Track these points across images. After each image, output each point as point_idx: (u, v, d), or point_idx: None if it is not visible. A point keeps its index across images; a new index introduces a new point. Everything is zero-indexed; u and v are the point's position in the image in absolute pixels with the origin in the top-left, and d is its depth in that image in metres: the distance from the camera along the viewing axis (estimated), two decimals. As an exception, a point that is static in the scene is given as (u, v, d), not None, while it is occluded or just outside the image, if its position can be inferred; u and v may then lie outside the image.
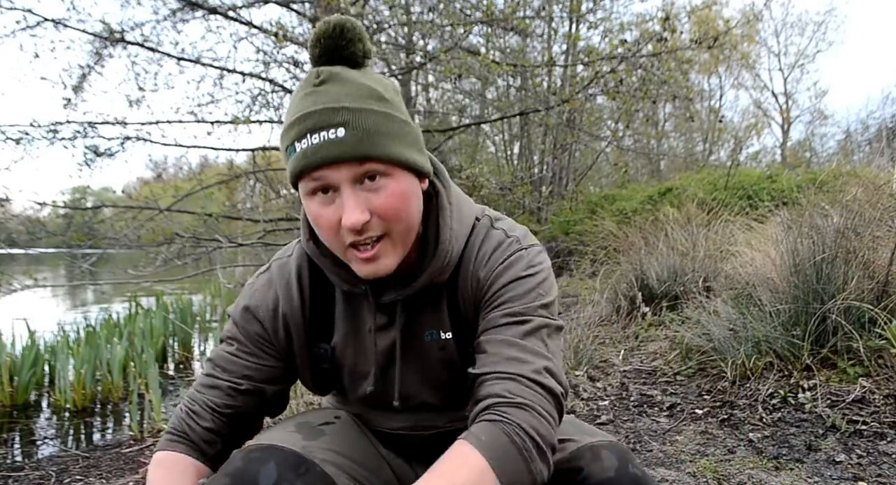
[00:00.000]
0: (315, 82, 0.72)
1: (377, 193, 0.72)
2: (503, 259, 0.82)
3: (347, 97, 0.71)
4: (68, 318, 6.08)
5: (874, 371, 2.18)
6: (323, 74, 0.72)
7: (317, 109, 0.70)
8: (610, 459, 0.82)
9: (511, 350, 0.78)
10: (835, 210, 2.72)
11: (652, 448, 1.95)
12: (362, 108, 0.71)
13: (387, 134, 0.72)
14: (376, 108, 0.72)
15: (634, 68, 5.53)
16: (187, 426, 0.89)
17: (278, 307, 0.86)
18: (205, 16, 5.51)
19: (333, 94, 0.71)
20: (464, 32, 5.51)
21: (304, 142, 0.70)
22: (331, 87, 0.72)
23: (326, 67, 0.73)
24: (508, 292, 0.81)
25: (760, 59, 21.11)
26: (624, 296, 3.74)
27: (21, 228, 5.74)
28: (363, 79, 0.73)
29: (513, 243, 0.84)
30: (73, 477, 2.06)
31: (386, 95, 0.74)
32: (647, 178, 14.53)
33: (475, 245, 0.85)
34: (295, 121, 0.72)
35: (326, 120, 0.69)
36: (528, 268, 0.82)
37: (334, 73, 0.72)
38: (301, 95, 0.73)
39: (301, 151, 0.71)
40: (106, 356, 3.33)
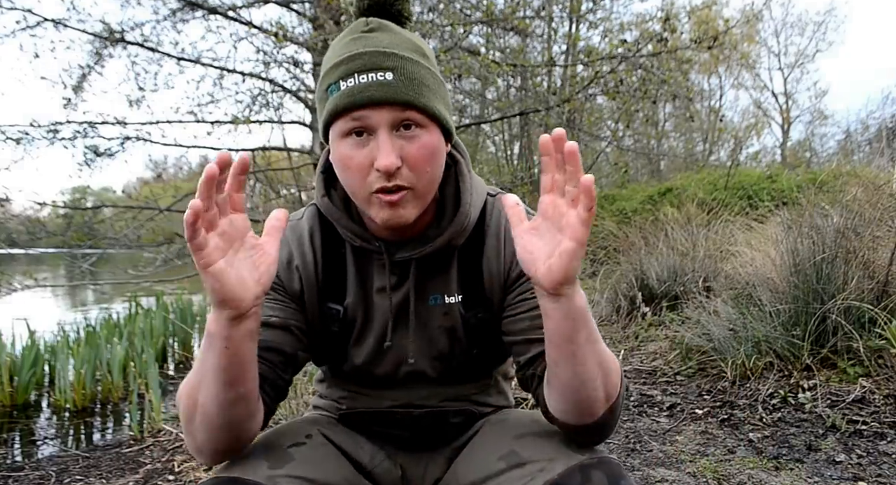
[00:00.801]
0: (364, 29, 0.75)
1: (411, 142, 0.73)
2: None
3: (396, 46, 0.74)
4: (68, 318, 6.08)
5: (874, 371, 2.18)
6: (372, 23, 0.75)
7: (368, 51, 0.72)
8: (601, 480, 0.78)
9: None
10: (835, 210, 2.72)
11: (652, 448, 1.95)
12: (410, 57, 0.74)
13: (429, 87, 0.74)
14: (421, 62, 0.75)
15: (634, 68, 5.52)
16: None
17: (292, 261, 0.85)
18: (205, 16, 5.51)
19: (384, 41, 0.74)
20: (464, 32, 5.51)
21: (351, 81, 0.72)
22: (380, 34, 0.74)
23: (375, 18, 0.76)
24: (523, 275, 0.81)
25: (760, 59, 21.13)
26: (624, 296, 3.74)
27: (21, 228, 5.74)
28: (408, 34, 0.77)
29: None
30: (73, 477, 2.06)
31: (427, 53, 0.77)
32: (647, 178, 14.54)
33: (487, 220, 0.85)
34: (343, 60, 0.73)
35: (377, 62, 0.72)
36: None
37: (383, 24, 0.76)
38: (348, 40, 0.75)
39: (347, 89, 0.72)
40: (106, 356, 3.33)
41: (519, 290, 0.83)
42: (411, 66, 0.73)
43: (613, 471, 0.79)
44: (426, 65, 0.76)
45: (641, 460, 1.86)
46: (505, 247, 0.84)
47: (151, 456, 2.22)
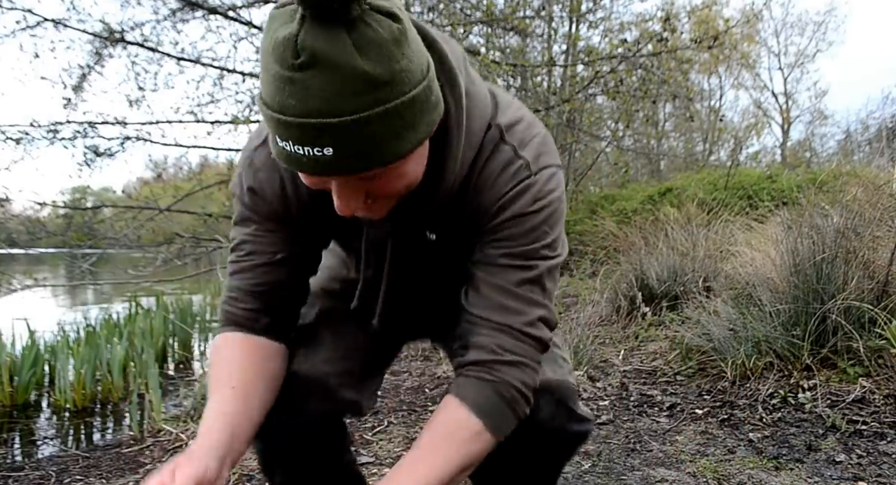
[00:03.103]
0: (293, 63, 0.57)
1: (375, 182, 0.66)
2: (507, 189, 0.77)
3: (334, 101, 0.58)
4: (68, 318, 6.07)
5: (874, 371, 2.18)
6: (304, 55, 0.56)
7: (296, 122, 0.59)
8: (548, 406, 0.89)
9: (506, 299, 0.79)
10: (835, 210, 2.72)
11: (652, 448, 1.95)
12: (355, 119, 0.58)
13: (384, 138, 0.61)
14: (371, 112, 0.59)
15: (634, 68, 5.53)
16: (231, 313, 0.90)
17: (286, 188, 0.83)
18: (205, 16, 5.51)
19: (315, 95, 0.57)
20: (464, 32, 5.51)
21: (286, 145, 0.61)
22: (313, 78, 0.57)
23: (310, 37, 0.56)
24: (509, 229, 0.77)
25: (760, 59, 21.13)
26: (624, 296, 3.74)
27: (21, 228, 5.75)
28: (355, 57, 0.57)
29: (521, 170, 0.77)
30: (73, 477, 2.06)
31: (384, 76, 0.59)
32: (647, 178, 14.54)
33: (480, 162, 0.78)
34: (271, 113, 0.61)
35: (309, 138, 0.59)
36: (535, 202, 0.77)
37: (319, 56, 0.56)
38: (275, 72, 0.59)
39: (282, 152, 0.63)
40: (106, 356, 3.32)
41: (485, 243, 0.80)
42: (356, 131, 0.59)
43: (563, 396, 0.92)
44: (379, 108, 0.59)
45: (641, 460, 1.86)
46: (474, 192, 0.79)
47: (151, 456, 2.22)
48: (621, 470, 1.80)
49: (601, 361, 2.90)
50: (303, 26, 0.57)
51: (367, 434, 2.24)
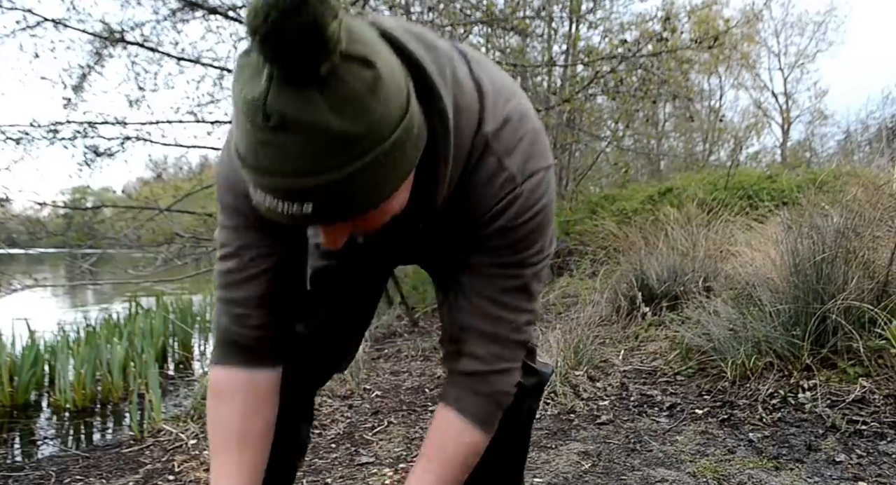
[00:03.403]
0: (263, 124, 0.54)
1: (360, 221, 0.65)
2: (494, 203, 0.76)
3: (310, 161, 0.55)
4: (68, 318, 6.08)
5: (874, 371, 2.18)
6: (274, 118, 0.53)
7: (273, 182, 0.57)
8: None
9: (495, 308, 0.82)
10: (835, 210, 2.72)
11: (652, 448, 1.95)
12: (333, 178, 0.56)
13: (365, 188, 0.59)
14: (350, 169, 0.57)
15: (634, 68, 5.52)
16: (237, 334, 0.85)
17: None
18: (205, 16, 5.50)
19: (291, 156, 0.55)
20: (464, 32, 5.51)
21: (264, 198, 0.59)
22: (287, 140, 0.54)
23: (280, 101, 0.53)
24: (497, 240, 0.78)
25: (760, 59, 21.13)
26: (624, 296, 3.74)
27: (21, 228, 5.74)
28: (329, 117, 0.54)
29: (506, 183, 0.76)
30: (73, 477, 2.06)
31: (360, 131, 0.56)
32: (647, 178, 14.53)
33: (466, 173, 0.76)
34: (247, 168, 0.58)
35: (288, 196, 0.57)
36: (521, 215, 0.77)
37: (290, 119, 0.53)
38: (248, 130, 0.56)
39: (261, 203, 0.60)
40: (106, 356, 3.33)
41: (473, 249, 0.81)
42: (336, 189, 0.57)
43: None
44: (357, 165, 0.57)
45: (641, 460, 1.86)
46: (460, 197, 0.77)
47: (151, 456, 2.22)
48: (621, 470, 1.80)
49: (601, 361, 2.90)
50: (271, 87, 0.53)
51: (367, 434, 2.24)
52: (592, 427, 2.18)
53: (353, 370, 2.96)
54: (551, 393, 2.45)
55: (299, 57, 0.52)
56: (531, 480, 1.76)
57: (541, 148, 0.79)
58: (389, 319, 4.46)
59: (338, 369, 1.10)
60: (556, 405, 2.38)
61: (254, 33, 0.51)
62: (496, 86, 0.78)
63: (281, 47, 0.51)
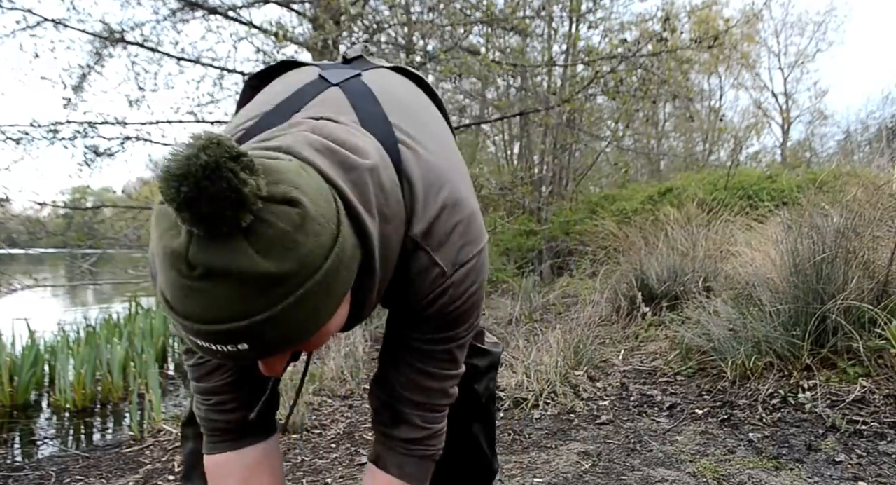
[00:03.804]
0: (189, 273, 0.53)
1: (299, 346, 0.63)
2: (427, 294, 0.79)
3: (240, 306, 0.54)
4: (68, 318, 6.08)
5: (874, 371, 2.18)
6: (199, 269, 0.52)
7: (203, 329, 0.55)
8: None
9: (426, 380, 0.87)
10: (835, 210, 2.72)
11: (652, 448, 1.95)
12: (266, 317, 0.55)
13: (301, 320, 0.58)
14: (283, 305, 0.55)
15: (634, 68, 5.52)
16: (217, 420, 0.89)
17: None
18: (205, 16, 5.50)
19: (220, 303, 0.54)
20: (464, 32, 5.51)
21: (197, 341, 0.57)
22: (214, 288, 0.53)
23: (203, 255, 0.52)
24: (431, 322, 0.82)
25: (760, 59, 21.08)
26: (624, 296, 3.74)
27: (21, 228, 5.74)
28: (256, 262, 0.53)
29: (437, 277, 0.77)
30: (73, 477, 2.06)
31: (291, 268, 0.54)
32: (647, 178, 14.52)
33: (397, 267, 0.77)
34: (175, 316, 0.56)
35: (221, 340, 0.56)
36: (454, 302, 0.80)
37: (215, 269, 0.52)
38: (173, 278, 0.54)
39: (195, 345, 0.58)
40: (106, 356, 3.33)
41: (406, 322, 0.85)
42: (270, 326, 0.55)
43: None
44: (292, 299, 0.55)
45: (641, 460, 1.86)
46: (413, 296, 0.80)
47: (151, 456, 2.22)
48: (621, 470, 1.80)
49: (601, 361, 2.90)
50: (191, 241, 0.52)
51: (367, 434, 2.24)
52: (592, 427, 2.18)
53: (353, 370, 2.96)
54: (551, 393, 2.45)
55: (219, 219, 0.51)
56: (531, 480, 1.76)
57: (474, 233, 0.80)
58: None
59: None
60: (556, 405, 2.39)
61: (170, 200, 0.50)
62: (428, 174, 0.77)
63: (199, 214, 0.50)
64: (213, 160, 0.49)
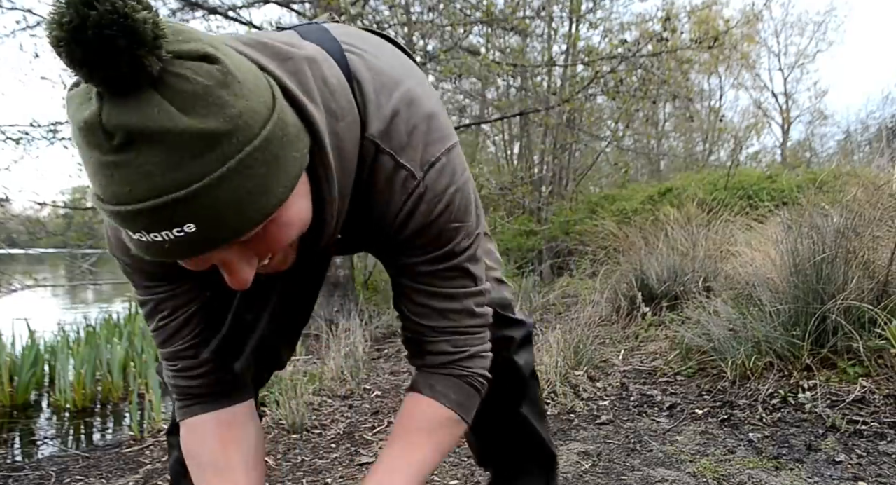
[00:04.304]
0: (108, 145, 0.48)
1: (261, 242, 0.58)
2: (400, 205, 0.72)
3: (173, 172, 0.48)
4: (68, 318, 6.08)
5: (874, 371, 2.18)
6: (119, 135, 0.47)
7: (139, 209, 0.49)
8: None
9: (441, 302, 0.80)
10: (835, 210, 2.72)
11: (652, 448, 1.95)
12: (205, 184, 0.49)
13: (250, 192, 0.52)
14: (222, 170, 0.50)
15: (634, 68, 5.53)
16: (187, 387, 0.85)
17: None
18: (205, 16, 5.51)
19: (149, 173, 0.48)
20: (464, 32, 5.51)
21: (141, 236, 0.51)
22: (139, 155, 0.47)
23: (117, 114, 0.47)
24: (417, 239, 0.74)
25: (760, 59, 21.11)
26: (624, 296, 3.74)
27: (21, 228, 5.74)
28: (178, 117, 0.48)
29: (407, 181, 0.71)
30: (73, 477, 2.06)
31: (222, 126, 0.49)
32: (647, 178, 14.54)
33: (363, 181, 0.71)
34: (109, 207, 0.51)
35: (162, 222, 0.50)
36: (432, 208, 0.72)
37: (135, 130, 0.47)
38: (95, 160, 0.49)
39: (140, 244, 0.53)
40: (106, 356, 3.33)
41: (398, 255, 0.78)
42: (214, 196, 0.50)
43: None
44: (232, 162, 0.50)
45: (641, 460, 1.86)
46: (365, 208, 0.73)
47: (151, 456, 2.22)
48: (621, 470, 1.80)
49: (601, 361, 2.90)
50: (103, 104, 0.47)
51: (368, 434, 2.24)
52: (592, 427, 2.18)
53: (353, 370, 2.96)
54: (551, 393, 2.45)
55: (116, 53, 0.44)
56: (531, 480, 1.76)
57: (438, 132, 0.73)
58: (389, 319, 4.46)
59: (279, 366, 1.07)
60: (556, 405, 2.39)
61: (59, 43, 0.44)
62: (380, 76, 0.71)
63: (91, 47, 0.44)
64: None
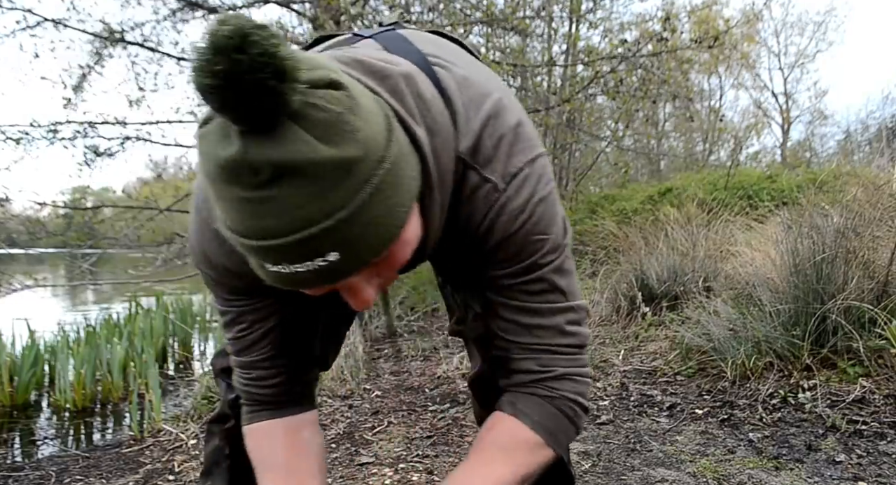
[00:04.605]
0: (254, 182, 0.49)
1: (384, 262, 0.59)
2: (483, 217, 0.72)
3: (318, 203, 0.50)
4: (68, 318, 6.08)
5: (874, 371, 2.18)
6: (265, 170, 0.48)
7: (285, 243, 0.50)
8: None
9: (528, 317, 0.77)
10: (835, 210, 2.72)
11: (652, 448, 1.95)
12: (350, 212, 0.51)
13: (383, 214, 0.54)
14: (362, 196, 0.52)
15: (634, 68, 5.53)
16: (257, 394, 0.86)
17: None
18: (205, 16, 5.50)
19: (295, 206, 0.49)
20: (464, 32, 5.50)
21: (281, 269, 0.53)
22: (284, 190, 0.49)
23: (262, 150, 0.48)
24: (501, 252, 0.73)
25: (760, 59, 21.09)
26: (624, 296, 3.73)
27: (21, 228, 5.74)
28: (318, 149, 0.49)
29: (490, 193, 0.71)
30: (73, 477, 2.06)
31: (356, 153, 0.51)
32: (647, 178, 14.53)
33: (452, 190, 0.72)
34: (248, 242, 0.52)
35: (307, 253, 0.51)
36: (514, 219, 0.72)
37: (280, 166, 0.48)
38: (235, 197, 0.50)
39: (279, 276, 0.54)
40: (106, 356, 3.33)
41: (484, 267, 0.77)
42: (355, 222, 0.52)
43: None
44: (370, 188, 0.52)
45: (641, 460, 1.86)
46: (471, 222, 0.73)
47: (151, 456, 2.22)
48: (621, 470, 1.80)
49: (601, 361, 2.90)
50: (245, 140, 0.48)
51: (368, 434, 2.24)
52: (592, 427, 2.18)
53: (353, 370, 2.96)
54: (551, 393, 2.45)
55: (267, 94, 0.46)
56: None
57: (523, 143, 0.73)
58: (389, 319, 4.46)
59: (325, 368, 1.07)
60: (556, 405, 2.38)
61: (206, 91, 0.46)
62: (467, 90, 0.72)
63: (246, 91, 0.45)
64: (237, 29, 0.44)
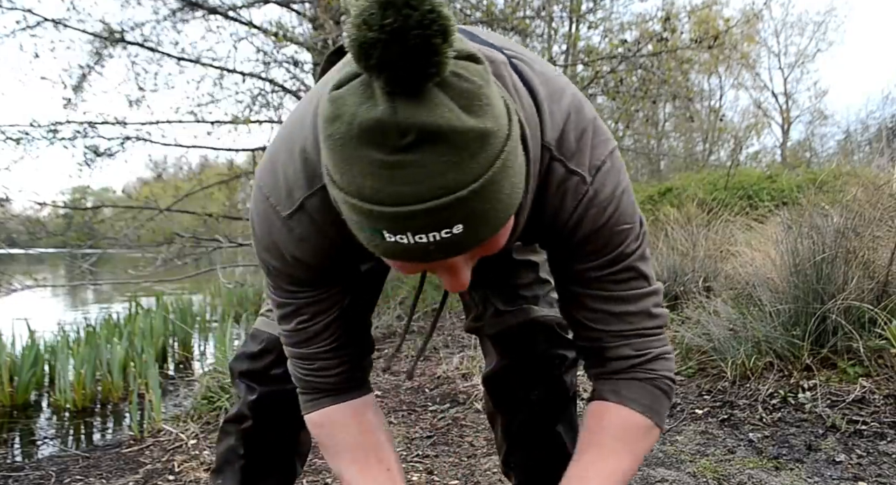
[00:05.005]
0: (398, 145, 0.48)
1: (481, 250, 0.59)
2: (571, 210, 0.73)
3: (455, 172, 0.49)
4: (68, 318, 6.08)
5: (874, 371, 2.18)
6: (411, 134, 0.47)
7: (418, 210, 0.49)
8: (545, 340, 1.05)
9: (618, 306, 0.79)
10: (835, 210, 2.72)
11: (652, 448, 1.95)
12: (482, 183, 0.50)
13: (506, 189, 0.53)
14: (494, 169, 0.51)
15: (634, 68, 5.53)
16: (318, 383, 0.86)
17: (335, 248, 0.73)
18: (205, 16, 5.51)
19: (435, 173, 0.48)
20: (464, 32, 5.50)
21: (401, 238, 0.52)
22: (426, 155, 0.48)
23: (411, 117, 0.47)
24: (589, 245, 0.75)
25: (760, 59, 21.11)
26: (624, 296, 3.73)
27: (21, 228, 5.75)
28: (463, 118, 0.49)
29: (578, 186, 0.72)
30: (73, 477, 2.06)
31: (491, 125, 0.50)
32: (647, 178, 14.54)
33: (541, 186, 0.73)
34: (380, 209, 0.51)
35: (436, 222, 0.50)
36: (602, 212, 0.73)
37: (428, 130, 0.47)
38: (372, 160, 0.49)
39: (396, 247, 0.53)
40: (106, 356, 3.33)
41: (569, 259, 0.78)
42: (484, 195, 0.51)
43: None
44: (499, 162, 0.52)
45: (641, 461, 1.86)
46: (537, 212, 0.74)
47: (151, 456, 2.22)
48: (621, 470, 1.80)
49: (601, 361, 2.90)
50: (393, 102, 0.47)
51: (367, 434, 2.24)
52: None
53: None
54: (551, 393, 2.45)
55: (430, 52, 0.45)
56: (531, 480, 1.76)
57: (602, 136, 0.74)
58: (389, 319, 4.46)
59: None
60: (556, 405, 2.38)
61: (369, 46, 0.45)
62: (547, 84, 0.72)
63: (406, 47, 0.44)
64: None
